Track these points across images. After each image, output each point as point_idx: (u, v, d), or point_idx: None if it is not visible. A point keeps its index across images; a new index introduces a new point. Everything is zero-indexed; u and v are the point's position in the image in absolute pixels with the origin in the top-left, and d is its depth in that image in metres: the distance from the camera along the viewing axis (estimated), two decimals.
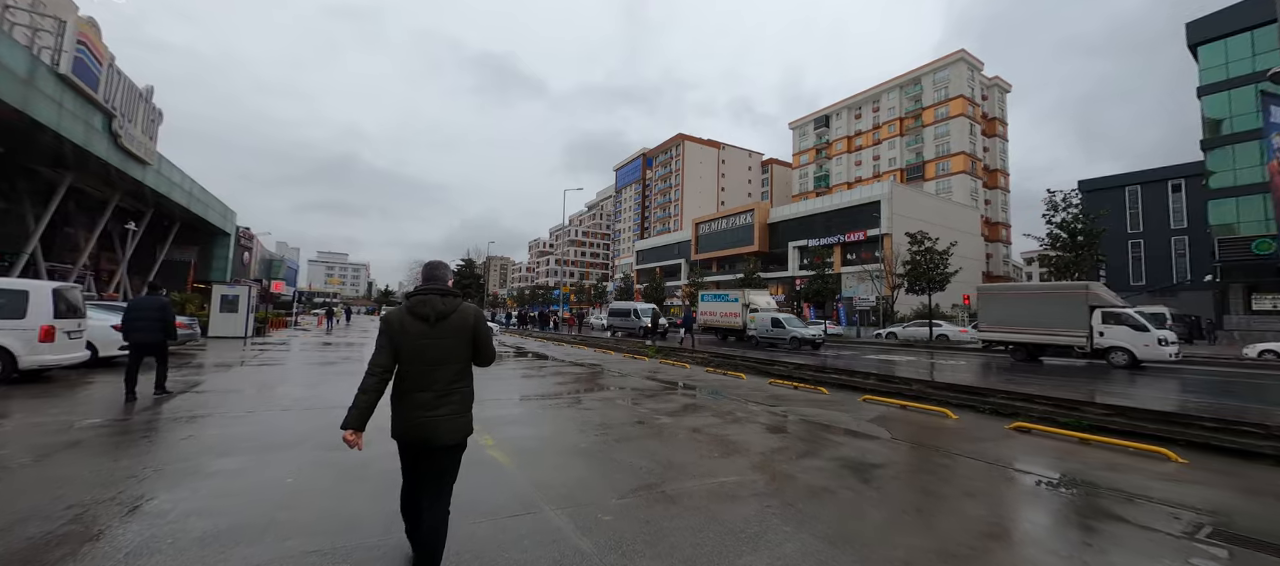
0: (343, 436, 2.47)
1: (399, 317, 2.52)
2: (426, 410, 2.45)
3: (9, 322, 7.30)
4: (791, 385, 10.53)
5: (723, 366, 13.54)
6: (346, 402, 2.57)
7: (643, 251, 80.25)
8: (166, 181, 31.84)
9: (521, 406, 7.53)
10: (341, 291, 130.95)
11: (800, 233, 53.30)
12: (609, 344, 21.73)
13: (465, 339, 2.55)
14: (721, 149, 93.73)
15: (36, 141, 21.65)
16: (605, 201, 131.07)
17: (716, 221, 64.45)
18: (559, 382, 10.35)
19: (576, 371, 12.64)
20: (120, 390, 7.03)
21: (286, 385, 8.79)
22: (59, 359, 7.74)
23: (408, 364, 2.49)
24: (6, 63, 17.38)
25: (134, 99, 26.30)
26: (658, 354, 17.47)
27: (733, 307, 26.51)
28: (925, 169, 66.35)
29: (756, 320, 24.53)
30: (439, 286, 2.58)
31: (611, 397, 8.68)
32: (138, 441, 4.99)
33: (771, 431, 6.36)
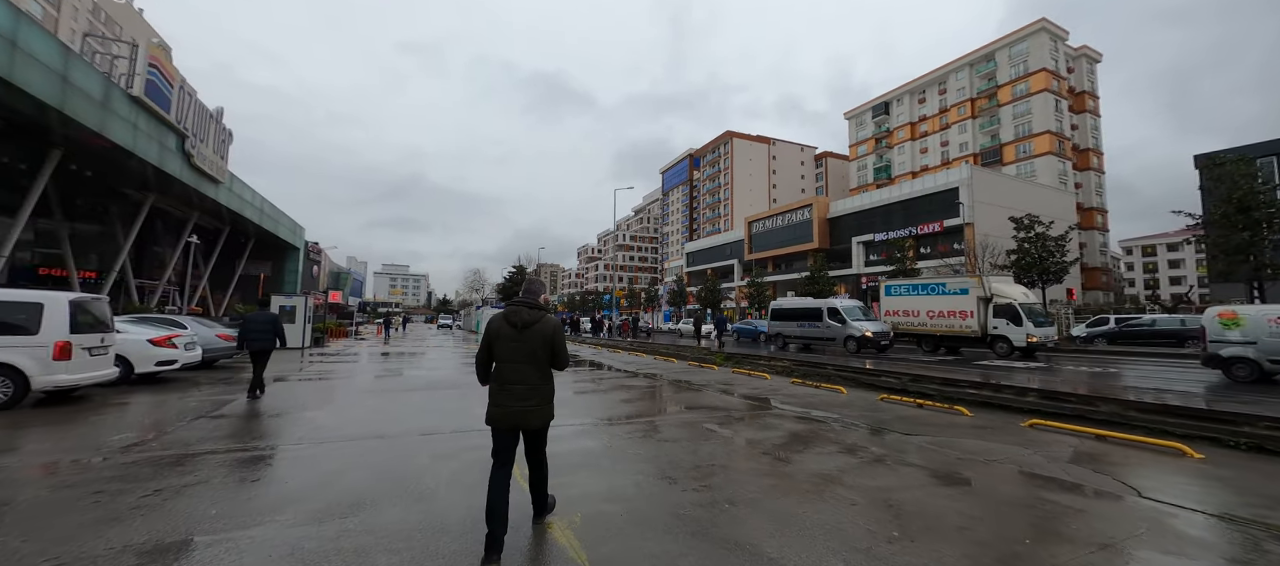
0: None
1: (497, 323, 3.19)
2: (518, 401, 3.07)
3: (20, 339, 6.55)
4: (913, 402, 8.39)
5: (811, 377, 11.48)
6: None
7: (693, 253, 78.11)
8: (238, 199, 33.22)
9: (586, 436, 5.95)
10: (403, 301, 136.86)
11: (864, 227, 49.53)
12: (669, 351, 20.00)
13: (545, 346, 3.15)
14: (772, 145, 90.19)
15: (119, 164, 22.64)
16: (652, 205, 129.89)
17: (771, 219, 61.39)
18: (625, 400, 8.75)
19: (641, 385, 11.01)
20: (149, 410, 6.07)
21: (319, 410, 7.68)
22: (77, 379, 6.95)
23: (502, 361, 3.12)
24: (82, 86, 17.99)
25: (205, 119, 27.35)
26: (727, 361, 15.57)
27: (956, 303, 18.62)
28: (1003, 152, 60.42)
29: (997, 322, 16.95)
30: (531, 300, 3.24)
31: (694, 422, 6.95)
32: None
33: (945, 482, 4.42)
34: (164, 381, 9.73)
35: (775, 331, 22.57)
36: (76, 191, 28.06)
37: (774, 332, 22.62)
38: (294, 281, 47.25)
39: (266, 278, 45.02)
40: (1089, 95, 64.26)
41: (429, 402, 8.06)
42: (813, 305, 21.51)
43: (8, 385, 6.48)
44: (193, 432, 5.73)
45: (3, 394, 6.47)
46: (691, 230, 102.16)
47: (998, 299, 17.61)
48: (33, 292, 6.95)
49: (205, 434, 5.68)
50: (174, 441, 5.32)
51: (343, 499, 3.72)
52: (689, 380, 11.67)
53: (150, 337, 9.20)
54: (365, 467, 4.50)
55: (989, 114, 62.57)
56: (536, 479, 3.36)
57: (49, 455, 4.77)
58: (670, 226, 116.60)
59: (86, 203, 29.85)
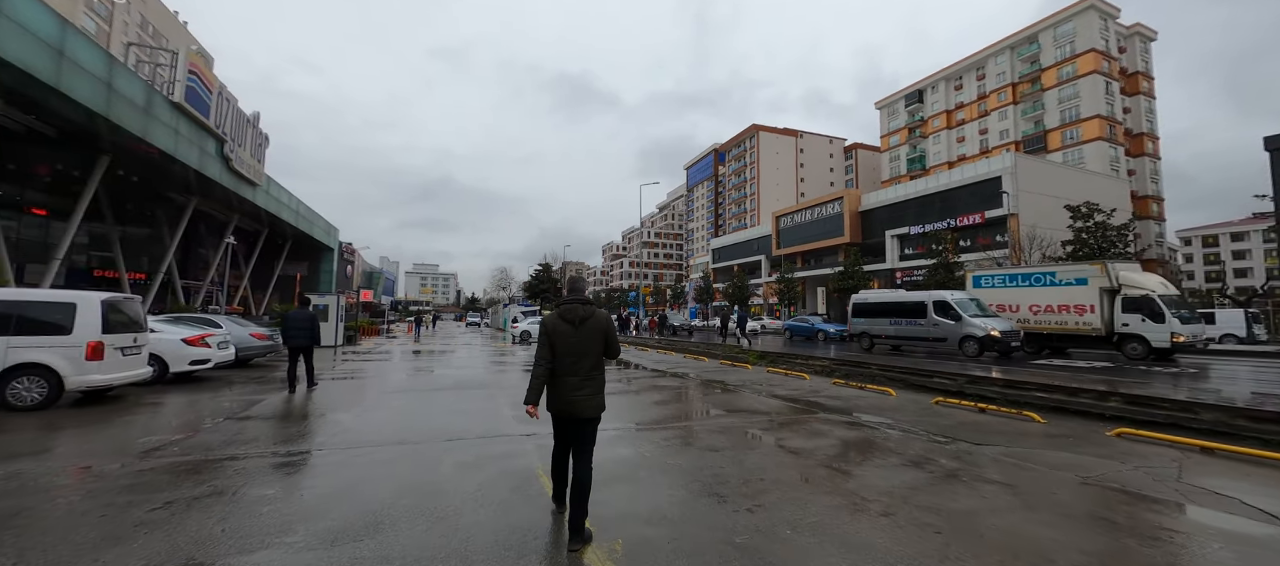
0: (526, 410, 3.28)
1: (553, 322, 3.35)
2: (573, 391, 3.25)
3: (53, 339, 6.54)
4: (973, 406, 7.67)
5: (854, 377, 10.79)
6: None
7: (719, 249, 77.04)
8: (274, 201, 34.15)
9: (620, 443, 5.52)
10: (433, 300, 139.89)
11: (898, 220, 47.71)
12: (699, 349, 19.46)
13: (599, 337, 3.35)
14: (799, 137, 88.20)
15: (163, 169, 23.42)
16: (677, 201, 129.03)
17: (799, 213, 59.88)
18: (658, 402, 8.30)
19: (673, 385, 10.54)
20: (179, 410, 6.01)
21: (346, 412, 7.49)
22: (110, 378, 6.92)
23: (560, 356, 3.28)
24: (126, 93, 18.57)
25: (242, 125, 28.10)
26: (761, 360, 14.95)
27: (1070, 295, 15.64)
28: (1048, 139, 57.37)
29: None
30: (581, 297, 3.43)
31: (735, 427, 6.45)
32: None
33: (1039, 506, 3.80)
34: (198, 380, 9.79)
35: (860, 330, 19.53)
36: (125, 197, 29.29)
37: (858, 332, 19.65)
38: (329, 281, 48.56)
39: (302, 277, 46.36)
40: (1143, 76, 60.39)
41: (456, 404, 7.79)
42: (911, 299, 18.23)
43: (42, 385, 6.48)
44: (216, 435, 5.55)
45: (37, 394, 6.47)
46: (717, 226, 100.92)
47: (1129, 290, 14.78)
48: (65, 292, 6.95)
49: (228, 436, 5.50)
50: (196, 445, 5.13)
51: (359, 517, 3.38)
52: (722, 380, 11.14)
53: (184, 337, 9.24)
54: (386, 479, 4.18)
55: (1032, 99, 59.49)
56: (580, 473, 3.24)
57: (69, 460, 4.63)
58: (695, 222, 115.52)
59: (135, 207, 31.15)
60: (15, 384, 6.38)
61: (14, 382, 6.37)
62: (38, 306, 6.68)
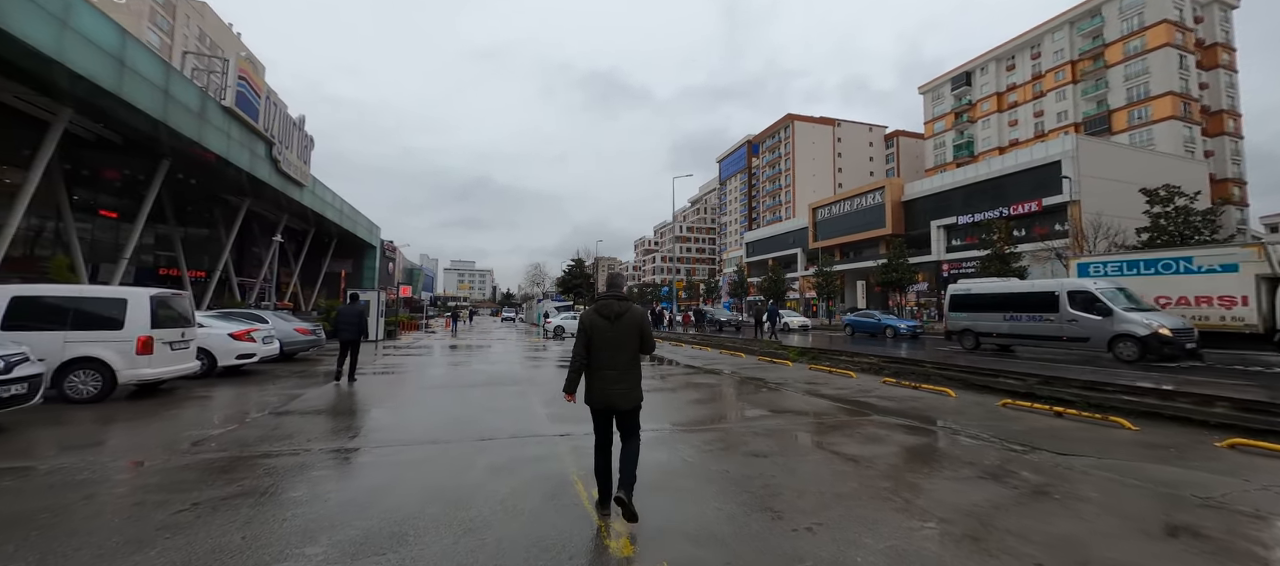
0: (565, 396, 3.50)
1: (591, 317, 3.44)
2: (611, 385, 3.35)
3: (106, 334, 6.74)
4: (1048, 409, 6.93)
5: (906, 376, 10.08)
6: None
7: (753, 243, 75.59)
8: (320, 201, 35.45)
9: (659, 446, 5.17)
10: (470, 295, 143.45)
11: (944, 209, 45.37)
12: (736, 345, 18.91)
13: (635, 332, 3.43)
14: (836, 126, 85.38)
15: (218, 172, 24.56)
16: (709, 195, 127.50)
17: (837, 204, 57.93)
18: (696, 400, 7.92)
19: (710, 382, 10.12)
20: (223, 404, 6.23)
21: (380, 408, 7.45)
22: (159, 372, 7.11)
23: (597, 350, 3.37)
24: (182, 99, 19.49)
25: (288, 127, 29.18)
26: (801, 357, 14.30)
27: (1213, 284, 13.56)
28: (1113, 119, 53.31)
29: None
30: (617, 293, 3.50)
31: (782, 430, 6.00)
32: None
33: (1163, 535, 3.23)
34: (245, 374, 10.06)
35: (960, 327, 16.81)
36: (186, 199, 30.98)
37: (958, 329, 16.93)
38: (372, 278, 50.26)
39: (346, 274, 48.12)
40: (1222, 47, 55.25)
41: (489, 401, 7.63)
42: (1033, 289, 15.31)
43: (97, 379, 6.69)
44: (253, 431, 5.53)
45: (93, 388, 6.68)
46: (750, 219, 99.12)
47: None
48: (117, 288, 7.15)
49: (265, 432, 5.47)
50: (233, 441, 5.10)
51: (384, 525, 3.16)
52: (762, 377, 10.63)
53: (231, 332, 9.50)
54: (415, 483, 3.98)
55: (1094, 77, 55.41)
56: (628, 452, 3.37)
57: (111, 455, 4.65)
58: (728, 216, 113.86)
59: (195, 209, 32.94)
60: (72, 377, 6.61)
61: (71, 376, 6.60)
62: (92, 302, 6.91)
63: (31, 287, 6.79)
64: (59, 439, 5.13)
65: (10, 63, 13.81)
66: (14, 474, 4.01)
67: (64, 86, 15.36)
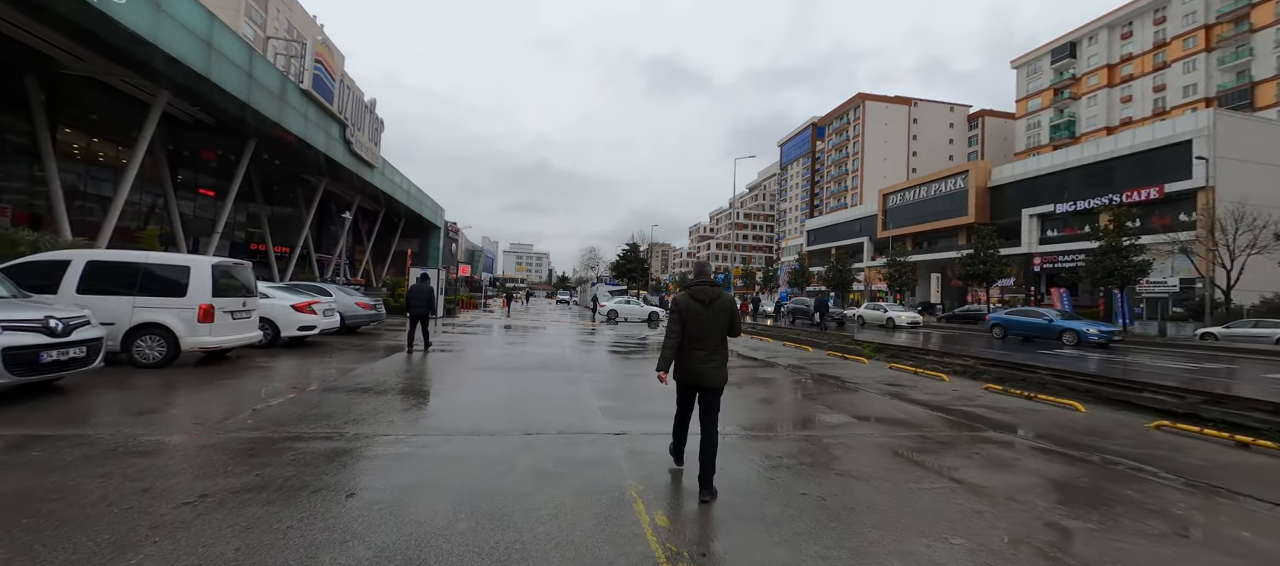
0: (658, 376, 3.64)
1: (685, 301, 3.60)
2: (702, 364, 3.55)
3: (170, 301, 6.78)
4: (1228, 437, 5.44)
5: (1013, 383, 8.61)
6: None
7: (814, 231, 72.06)
8: (389, 182, 36.97)
9: (729, 455, 4.33)
10: (527, 277, 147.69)
11: (1038, 196, 40.76)
12: (800, 337, 17.61)
13: (725, 317, 3.63)
14: (912, 105, 79.24)
15: (297, 153, 25.93)
16: (768, 180, 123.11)
17: (911, 190, 53.73)
18: (764, 398, 7.02)
19: (778, 379, 9.12)
20: (275, 377, 6.33)
21: (425, 389, 7.10)
22: (220, 341, 7.12)
23: (690, 333, 3.56)
24: (264, 82, 20.46)
25: (361, 110, 30.36)
26: (877, 354, 12.89)
27: None
28: (1256, 92, 45.62)
29: None
30: (708, 280, 3.70)
31: (874, 442, 5.00)
32: None
33: None
34: (307, 346, 10.21)
35: None
36: (271, 180, 33.23)
37: None
38: (436, 257, 52.47)
39: (412, 253, 50.31)
40: None
41: (539, 386, 7.10)
42: None
43: (162, 345, 6.76)
44: (294, 408, 5.25)
45: (158, 353, 6.76)
46: (812, 206, 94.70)
47: None
48: (181, 255, 7.20)
49: (305, 410, 5.16)
50: (268, 418, 4.80)
51: (402, 544, 2.57)
52: (837, 375, 9.49)
53: (293, 304, 9.61)
54: (447, 485, 3.40)
55: (1233, 43, 47.54)
56: (708, 434, 3.53)
57: (143, 427, 4.44)
58: (788, 202, 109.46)
59: (279, 190, 35.31)
60: (140, 342, 6.71)
61: (139, 341, 6.70)
62: (159, 268, 6.99)
63: (105, 252, 6.97)
64: (107, 406, 5.05)
65: (113, 46, 14.81)
66: (46, 444, 3.83)
67: (161, 69, 16.34)
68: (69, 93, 18.47)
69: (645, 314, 26.95)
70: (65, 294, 6.44)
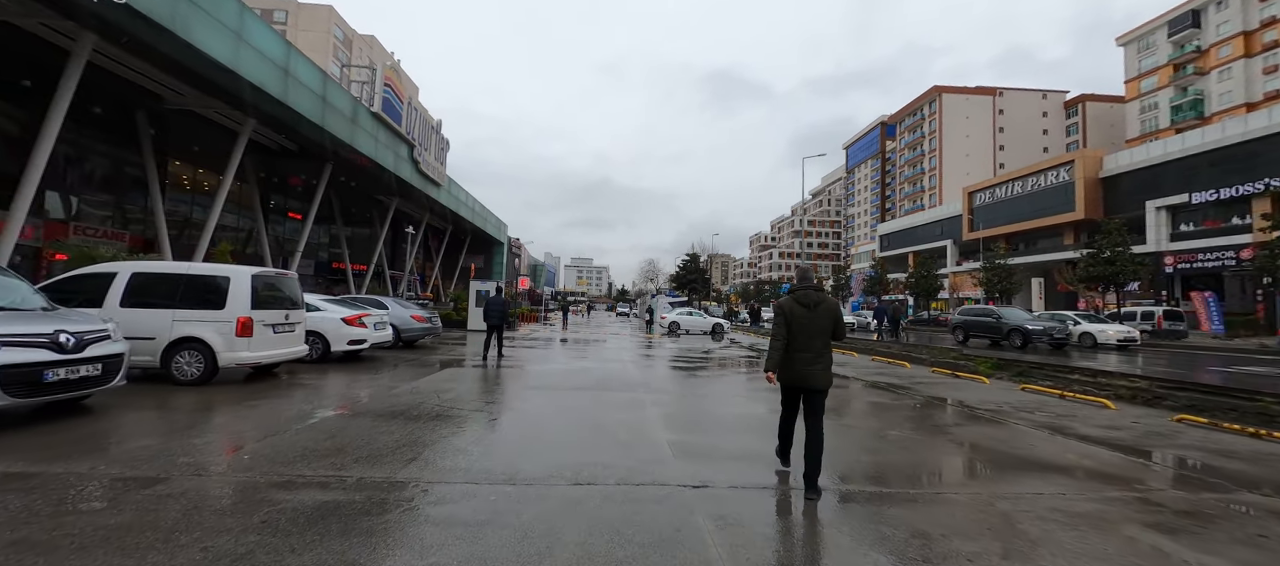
0: (766, 376, 3.76)
1: (790, 305, 3.74)
2: (807, 365, 3.64)
3: (208, 314, 6.35)
4: None
5: (1224, 415, 6.42)
6: None
7: (888, 235, 67.22)
8: (454, 200, 38.14)
9: (838, 532, 2.94)
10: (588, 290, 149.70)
11: (1163, 186, 35.12)
12: (889, 351, 15.45)
13: (830, 320, 3.73)
14: (997, 95, 72.44)
15: (370, 174, 27.09)
16: (833, 185, 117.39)
17: (1003, 186, 48.58)
18: (876, 432, 5.46)
19: (886, 403, 7.45)
20: (316, 396, 5.86)
21: (467, 416, 6.17)
22: (259, 356, 6.62)
23: (795, 335, 3.66)
24: (337, 105, 21.33)
25: (427, 130, 31.43)
26: (996, 371, 10.69)
27: None
28: None
29: None
30: (811, 285, 3.81)
31: (1084, 515, 3.36)
32: None
33: None
34: (360, 360, 9.79)
35: None
36: (350, 202, 35.19)
37: None
38: (500, 271, 53.83)
39: (475, 268, 51.69)
40: None
41: (595, 412, 5.98)
42: None
43: (200, 361, 6.34)
44: (305, 438, 4.41)
45: (196, 370, 6.34)
46: (883, 210, 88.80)
47: None
48: (220, 266, 6.80)
49: (316, 442, 4.32)
50: (266, 456, 3.94)
51: None
52: (961, 400, 7.63)
53: (343, 317, 9.19)
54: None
55: None
56: (813, 435, 3.55)
57: (147, 462, 3.72)
58: (856, 207, 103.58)
59: (357, 211, 37.39)
60: (179, 358, 6.31)
61: (178, 357, 6.31)
62: (198, 280, 6.62)
63: (149, 263, 6.72)
64: (96, 437, 4.45)
65: (201, 76, 15.75)
66: (20, 481, 3.15)
67: (245, 97, 17.27)
68: (174, 126, 20.10)
69: (708, 326, 25.46)
70: (109, 307, 6.18)
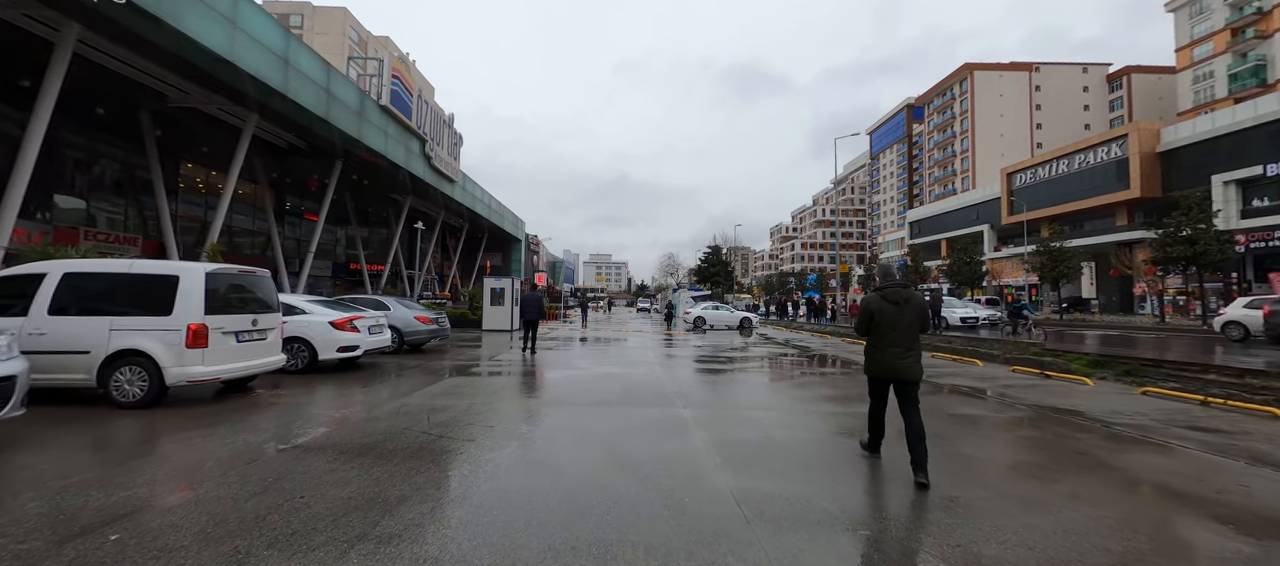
0: None
1: (877, 302, 3.91)
2: (898, 359, 3.82)
3: (152, 321, 5.20)
4: None
5: None
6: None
7: (919, 222, 64.35)
8: (470, 196, 37.22)
9: None
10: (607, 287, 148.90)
11: (1228, 159, 32.13)
12: (953, 347, 13.76)
13: (919, 314, 3.90)
14: (1033, 71, 68.59)
15: (382, 171, 26.24)
16: (857, 172, 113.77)
17: (1045, 165, 45.60)
18: (1012, 467, 4.01)
19: (983, 418, 5.94)
20: (282, 419, 4.28)
21: (458, 442, 4.89)
22: (216, 370, 5.43)
23: (884, 331, 3.87)
24: (342, 98, 20.36)
25: (439, 125, 30.41)
26: (1095, 369, 8.99)
27: None
28: None
29: None
30: (897, 282, 3.98)
31: None
32: None
33: None
34: (355, 369, 8.64)
35: None
36: (363, 202, 34.60)
37: None
38: (519, 269, 53.00)
39: (491, 266, 50.93)
40: None
41: (623, 442, 4.59)
42: None
43: (143, 378, 5.19)
44: (240, 496, 3.19)
45: (138, 390, 5.19)
46: (911, 196, 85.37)
47: None
48: (168, 263, 5.65)
49: (234, 505, 3.08)
50: (187, 521, 2.73)
51: None
52: (1078, 409, 6.04)
53: (331, 320, 8.00)
54: None
55: None
56: (914, 424, 3.70)
57: (27, 520, 2.51)
58: (881, 194, 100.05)
59: (373, 211, 36.81)
60: (119, 375, 5.18)
61: (118, 373, 5.18)
62: (140, 280, 5.43)
63: (84, 262, 5.61)
64: (36, 471, 3.30)
65: (193, 66, 14.87)
66: None
67: (247, 91, 16.41)
68: (180, 126, 19.42)
69: (735, 321, 23.94)
70: (36, 315, 5.09)
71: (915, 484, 3.48)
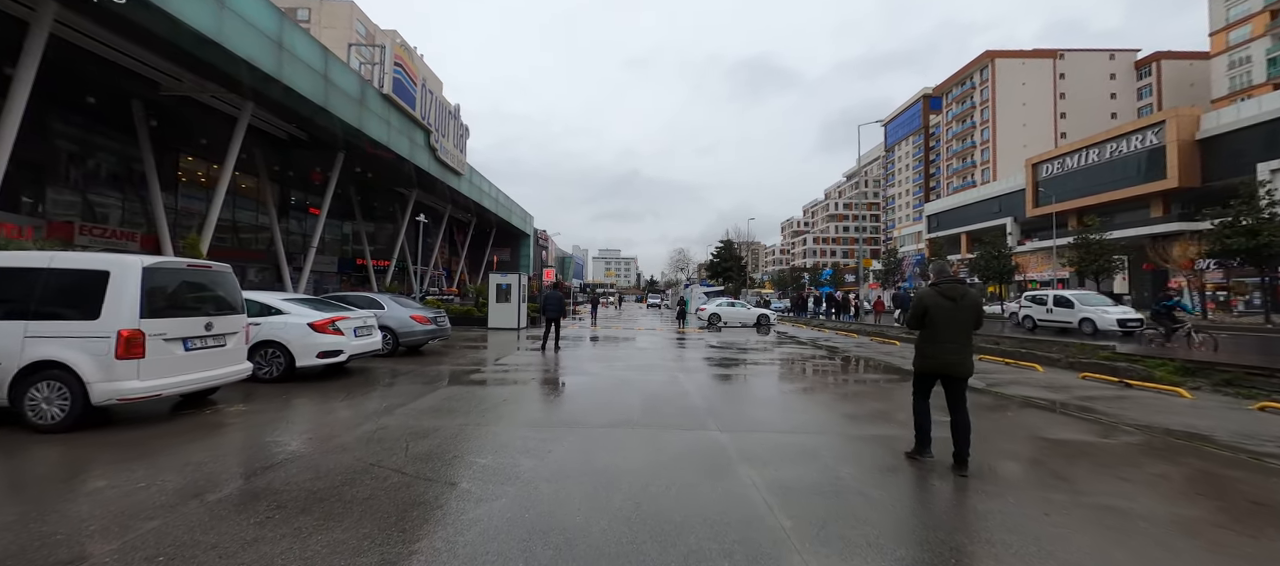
0: None
1: (933, 298, 3.93)
2: (952, 354, 3.87)
3: (76, 326, 4.24)
4: None
5: None
6: None
7: (937, 215, 62.45)
8: (477, 190, 36.26)
9: None
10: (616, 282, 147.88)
11: (1274, 146, 30.23)
12: (1001, 349, 12.54)
13: (972, 311, 3.95)
14: (1057, 58, 66.22)
15: (386, 164, 25.35)
16: (870, 165, 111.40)
17: (1074, 155, 43.71)
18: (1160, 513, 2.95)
19: (1112, 449, 4.82)
20: (244, 445, 3.25)
21: (435, 486, 3.89)
22: (156, 386, 4.45)
23: (939, 326, 3.89)
24: (341, 85, 19.37)
25: (445, 116, 29.42)
26: (1184, 377, 7.79)
27: None
28: None
29: None
30: (954, 279, 4.06)
31: None
32: None
33: None
34: (342, 374, 7.70)
35: None
36: (368, 195, 33.84)
37: None
38: (527, 264, 52.12)
39: (498, 261, 50.12)
40: None
41: (647, 479, 3.57)
42: None
43: (63, 395, 4.25)
44: (165, 539, 2.22)
45: (58, 410, 4.24)
46: (928, 189, 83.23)
47: None
48: (98, 255, 4.66)
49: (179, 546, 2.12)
50: None
51: None
52: (1199, 432, 4.89)
53: (311, 321, 7.04)
54: None
55: None
56: (960, 420, 3.81)
57: None
58: (896, 188, 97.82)
59: (379, 206, 36.04)
60: (34, 392, 4.25)
61: (33, 390, 4.25)
62: (61, 276, 4.46)
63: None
64: None
65: (178, 48, 13.94)
66: None
67: (240, 77, 15.52)
68: (175, 117, 18.63)
69: (752, 318, 22.82)
70: None
71: (956, 473, 3.67)
